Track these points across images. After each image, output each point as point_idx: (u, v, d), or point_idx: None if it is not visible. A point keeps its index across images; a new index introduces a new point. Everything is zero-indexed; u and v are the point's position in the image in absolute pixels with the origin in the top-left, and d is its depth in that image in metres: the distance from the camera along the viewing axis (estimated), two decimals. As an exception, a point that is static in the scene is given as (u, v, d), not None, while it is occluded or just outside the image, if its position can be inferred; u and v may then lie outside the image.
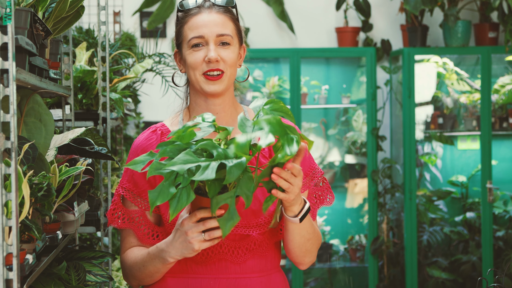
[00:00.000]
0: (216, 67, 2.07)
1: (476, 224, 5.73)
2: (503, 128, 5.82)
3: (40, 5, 2.17)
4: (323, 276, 5.93)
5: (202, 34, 2.07)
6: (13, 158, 1.61)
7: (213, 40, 2.07)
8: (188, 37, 2.09)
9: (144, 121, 5.61)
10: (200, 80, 2.08)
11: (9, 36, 1.61)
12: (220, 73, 2.08)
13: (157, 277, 2.06)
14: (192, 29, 2.08)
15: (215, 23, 2.08)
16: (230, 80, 2.11)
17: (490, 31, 5.64)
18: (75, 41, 3.92)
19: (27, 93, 2.16)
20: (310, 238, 2.05)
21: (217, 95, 2.11)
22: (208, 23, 2.08)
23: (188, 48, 2.09)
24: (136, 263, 2.06)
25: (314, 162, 2.18)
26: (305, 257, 2.10)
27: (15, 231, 1.62)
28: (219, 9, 2.11)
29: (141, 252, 2.06)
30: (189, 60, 2.09)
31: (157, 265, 2.00)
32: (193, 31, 2.08)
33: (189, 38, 2.08)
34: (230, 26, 2.10)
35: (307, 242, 2.05)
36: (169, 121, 2.18)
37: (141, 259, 2.04)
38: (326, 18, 5.88)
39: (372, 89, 5.63)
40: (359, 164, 5.92)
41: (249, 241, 2.06)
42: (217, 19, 2.09)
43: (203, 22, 2.08)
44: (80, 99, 3.24)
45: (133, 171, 2.10)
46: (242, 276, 2.07)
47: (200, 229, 1.85)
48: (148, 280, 2.07)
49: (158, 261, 1.99)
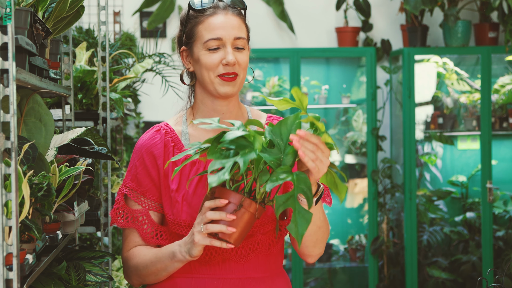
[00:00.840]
0: (232, 71, 2.07)
1: (476, 224, 5.73)
2: (503, 128, 5.82)
3: (40, 5, 2.17)
4: (323, 276, 5.93)
5: (220, 36, 2.06)
6: (13, 158, 1.61)
7: (230, 43, 2.07)
8: (204, 38, 2.07)
9: (144, 121, 5.61)
10: (215, 81, 2.08)
11: (9, 36, 1.61)
12: (234, 75, 2.08)
13: (163, 276, 2.05)
14: (209, 30, 2.07)
15: (232, 26, 2.08)
16: (243, 82, 2.12)
17: (490, 31, 5.64)
18: (75, 41, 3.92)
19: (27, 93, 2.16)
20: (321, 226, 2.04)
21: (229, 96, 2.11)
22: (225, 25, 2.07)
23: (204, 49, 2.08)
24: (144, 260, 2.05)
25: None
26: (315, 248, 2.08)
27: (15, 231, 1.62)
28: (234, 11, 2.10)
29: (152, 251, 2.06)
30: (204, 61, 2.07)
31: (166, 262, 2.00)
32: (210, 32, 2.07)
33: (205, 39, 2.07)
34: (244, 29, 2.11)
35: (318, 230, 2.04)
36: (172, 121, 2.18)
37: (150, 257, 2.04)
38: (326, 18, 5.88)
39: (372, 89, 5.63)
40: (359, 164, 5.92)
41: (252, 241, 2.06)
42: (234, 22, 2.08)
43: (221, 24, 2.07)
44: (80, 99, 3.24)
45: (136, 170, 2.10)
46: (246, 276, 2.07)
47: (203, 220, 1.86)
48: (152, 279, 2.07)
49: (168, 258, 1.99)
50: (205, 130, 2.12)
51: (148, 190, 2.09)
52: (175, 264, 2.00)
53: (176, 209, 2.04)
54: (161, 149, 2.10)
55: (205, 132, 2.12)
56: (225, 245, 1.85)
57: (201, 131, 2.13)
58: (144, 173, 2.09)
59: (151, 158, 2.10)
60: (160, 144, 2.10)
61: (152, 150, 2.10)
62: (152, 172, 2.09)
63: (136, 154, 2.13)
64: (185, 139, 2.12)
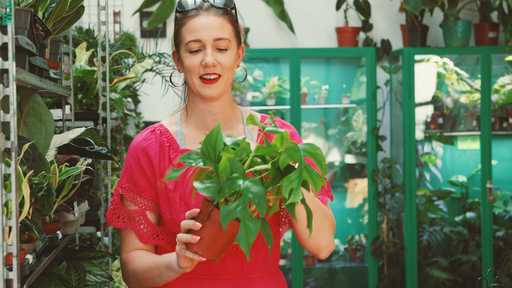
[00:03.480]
0: (212, 71, 2.06)
1: (476, 224, 5.73)
2: (503, 128, 5.82)
3: (40, 5, 2.17)
4: (323, 276, 5.93)
5: (200, 38, 2.06)
6: (13, 158, 1.61)
7: (210, 44, 2.06)
8: (186, 40, 2.08)
9: (144, 121, 5.61)
10: (197, 83, 2.08)
11: (9, 36, 1.61)
12: (216, 76, 2.07)
13: (158, 283, 2.03)
14: (190, 32, 2.07)
15: (213, 27, 2.07)
16: (227, 83, 2.11)
17: (490, 31, 5.64)
18: (75, 41, 3.92)
19: (27, 93, 2.16)
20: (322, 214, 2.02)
21: (214, 98, 2.10)
22: (205, 26, 2.07)
23: (186, 51, 2.08)
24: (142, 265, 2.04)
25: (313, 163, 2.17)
26: (320, 238, 2.04)
27: (15, 231, 1.62)
28: (217, 11, 2.09)
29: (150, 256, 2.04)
30: (186, 63, 2.08)
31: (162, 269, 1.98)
32: (190, 34, 2.07)
33: (186, 41, 2.08)
34: (228, 29, 2.09)
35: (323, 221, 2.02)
36: (167, 121, 2.18)
37: (148, 263, 2.03)
38: (326, 18, 5.88)
39: (372, 89, 5.63)
40: (359, 164, 5.92)
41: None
42: (215, 23, 2.08)
43: (201, 26, 2.07)
44: (80, 99, 3.24)
45: (132, 171, 2.10)
46: (244, 276, 2.07)
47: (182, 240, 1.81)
48: (149, 284, 2.06)
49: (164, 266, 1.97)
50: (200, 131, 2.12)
51: (144, 190, 2.09)
52: (169, 273, 1.97)
53: (174, 209, 2.04)
54: (156, 149, 2.10)
55: (200, 132, 2.13)
56: (197, 258, 1.78)
57: (196, 132, 2.14)
58: (140, 174, 2.09)
59: (147, 159, 2.09)
60: (155, 145, 2.10)
61: (147, 150, 2.10)
62: (147, 172, 2.09)
63: (131, 155, 2.12)
64: (180, 139, 2.12)
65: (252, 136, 2.16)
